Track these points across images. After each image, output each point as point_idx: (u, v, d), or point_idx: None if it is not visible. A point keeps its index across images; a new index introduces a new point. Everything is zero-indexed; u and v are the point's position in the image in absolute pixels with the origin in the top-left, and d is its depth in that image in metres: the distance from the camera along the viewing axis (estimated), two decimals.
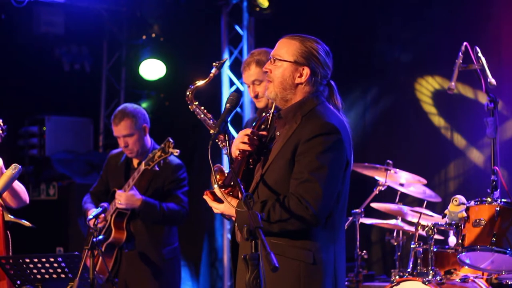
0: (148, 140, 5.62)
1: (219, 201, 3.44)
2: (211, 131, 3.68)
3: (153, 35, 8.41)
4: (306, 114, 3.43)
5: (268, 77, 3.50)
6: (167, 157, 5.21)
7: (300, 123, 3.42)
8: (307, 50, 3.48)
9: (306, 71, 3.46)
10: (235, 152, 3.49)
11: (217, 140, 3.89)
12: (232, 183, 3.41)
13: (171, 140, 5.20)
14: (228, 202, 3.36)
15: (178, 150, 5.20)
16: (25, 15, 8.12)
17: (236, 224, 3.45)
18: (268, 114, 3.62)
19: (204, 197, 3.49)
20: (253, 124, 3.64)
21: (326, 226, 3.39)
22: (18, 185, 4.66)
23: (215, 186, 3.40)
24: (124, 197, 5.33)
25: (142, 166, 5.29)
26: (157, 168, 5.26)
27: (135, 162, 5.64)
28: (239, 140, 3.48)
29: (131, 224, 5.49)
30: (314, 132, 3.35)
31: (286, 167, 3.37)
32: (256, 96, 4.59)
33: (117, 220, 5.45)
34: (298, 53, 3.47)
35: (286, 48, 3.48)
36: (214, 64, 3.66)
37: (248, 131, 3.51)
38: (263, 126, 3.61)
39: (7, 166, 4.41)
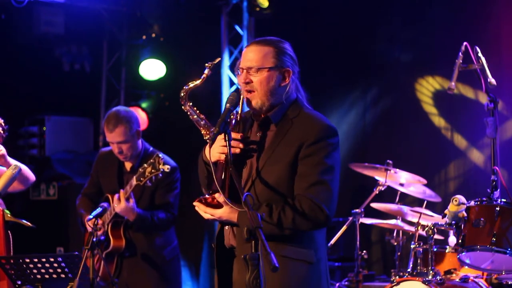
0: (140, 142, 5.59)
1: (213, 207, 3.43)
2: (202, 132, 3.68)
3: (153, 35, 8.41)
4: (296, 117, 3.45)
5: (249, 87, 3.46)
6: (158, 174, 5.16)
7: (291, 126, 3.43)
8: (281, 52, 3.47)
9: (289, 72, 3.47)
10: (217, 156, 3.45)
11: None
12: (221, 187, 3.39)
13: (160, 155, 5.13)
14: (230, 205, 3.36)
15: (168, 166, 5.13)
16: (25, 15, 8.11)
17: (240, 226, 3.42)
18: (235, 115, 3.58)
19: (196, 207, 3.46)
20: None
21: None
22: (21, 166, 4.65)
23: (216, 194, 3.40)
24: (122, 208, 5.30)
25: (134, 181, 5.21)
26: (149, 184, 5.22)
27: (128, 165, 5.62)
28: (220, 144, 3.43)
29: (128, 230, 5.48)
30: (319, 135, 3.37)
31: (287, 169, 3.38)
32: None
33: (114, 229, 5.43)
34: (275, 57, 3.45)
35: (262, 55, 3.45)
36: (206, 64, 3.65)
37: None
38: (238, 128, 3.58)
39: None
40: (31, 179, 4.90)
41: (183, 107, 3.69)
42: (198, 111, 3.69)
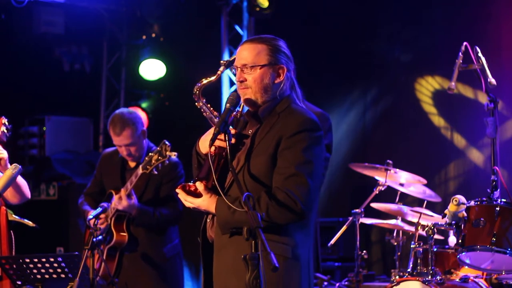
0: (145, 141, 5.60)
1: (194, 195, 3.43)
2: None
3: (153, 35, 8.42)
4: (283, 111, 3.46)
5: (243, 85, 3.47)
6: (165, 160, 5.17)
7: (277, 120, 3.43)
8: (274, 49, 3.48)
9: (283, 69, 3.48)
10: (207, 149, 3.47)
11: None
12: (206, 176, 3.41)
13: (167, 143, 5.15)
14: (210, 194, 3.37)
15: (175, 153, 5.15)
16: (25, 15, 8.12)
17: (215, 218, 3.42)
18: (236, 113, 3.60)
19: (177, 190, 3.47)
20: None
21: (303, 221, 3.40)
22: (20, 179, 4.63)
23: (197, 183, 3.41)
24: (125, 206, 5.30)
25: (140, 170, 5.22)
26: (155, 172, 5.22)
27: (131, 162, 5.62)
28: (210, 137, 3.45)
29: (131, 225, 5.48)
30: (298, 128, 3.37)
31: (268, 162, 3.38)
32: None
33: (117, 223, 5.42)
34: (269, 54, 3.46)
35: (256, 53, 3.46)
36: (221, 62, 3.66)
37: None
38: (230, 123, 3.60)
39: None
40: (26, 195, 4.79)
41: (196, 103, 3.70)
42: (211, 108, 3.70)
